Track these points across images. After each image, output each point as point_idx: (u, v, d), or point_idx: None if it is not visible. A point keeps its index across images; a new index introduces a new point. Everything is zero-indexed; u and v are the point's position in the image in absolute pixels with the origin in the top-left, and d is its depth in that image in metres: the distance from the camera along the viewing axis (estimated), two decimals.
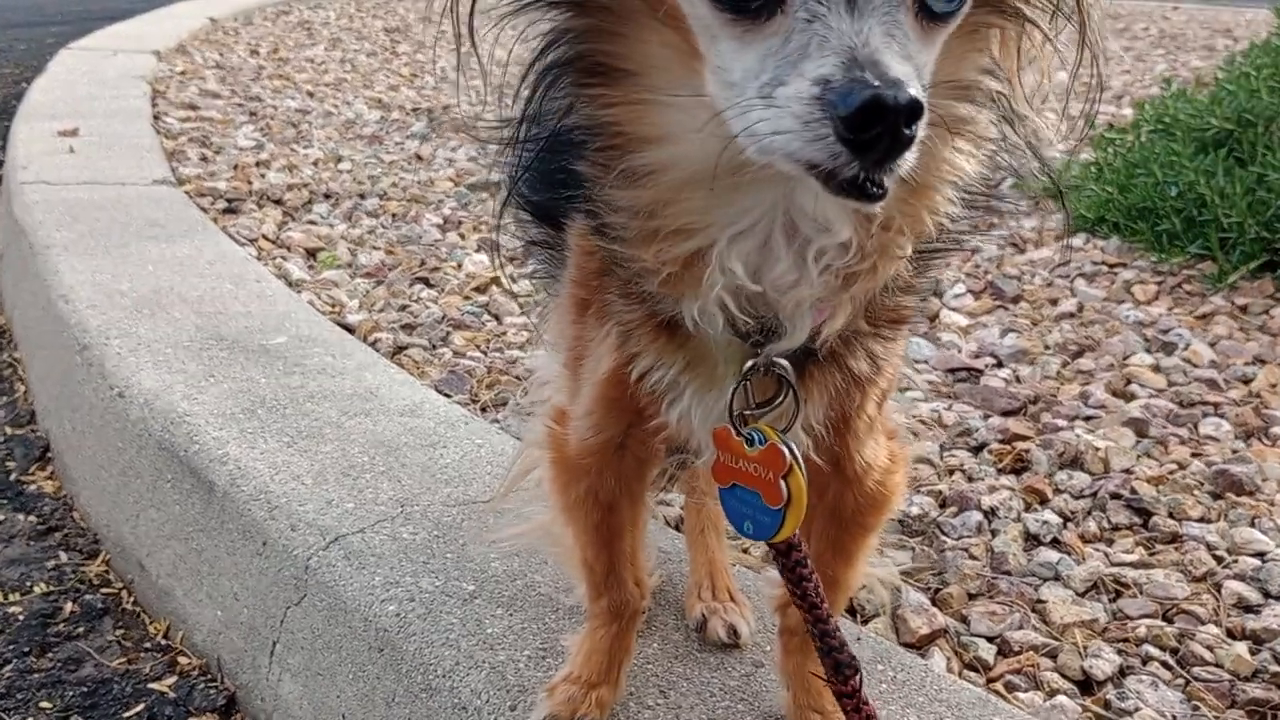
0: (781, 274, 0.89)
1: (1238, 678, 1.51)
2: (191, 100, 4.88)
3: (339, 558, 1.59)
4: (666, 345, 1.00)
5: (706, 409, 1.01)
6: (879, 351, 1.01)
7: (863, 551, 1.25)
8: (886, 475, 1.17)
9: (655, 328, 0.99)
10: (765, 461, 1.00)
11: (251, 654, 1.69)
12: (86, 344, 2.25)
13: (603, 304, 1.04)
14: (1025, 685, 1.51)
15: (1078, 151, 3.59)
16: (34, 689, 1.72)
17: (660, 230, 0.90)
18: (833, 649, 1.07)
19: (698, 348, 1.00)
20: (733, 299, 0.91)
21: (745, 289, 0.90)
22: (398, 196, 3.64)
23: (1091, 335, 2.60)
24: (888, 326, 1.01)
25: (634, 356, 1.02)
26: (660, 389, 1.02)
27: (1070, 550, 1.79)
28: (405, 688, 1.42)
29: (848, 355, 1.00)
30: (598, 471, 1.18)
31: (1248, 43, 5.07)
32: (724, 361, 1.00)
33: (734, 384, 0.98)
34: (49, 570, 2.02)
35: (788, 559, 1.06)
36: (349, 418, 1.97)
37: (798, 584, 1.06)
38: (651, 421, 1.07)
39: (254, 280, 2.64)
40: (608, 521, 1.22)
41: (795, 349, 0.97)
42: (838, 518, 1.17)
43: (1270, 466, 2.00)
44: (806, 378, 1.00)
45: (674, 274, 0.92)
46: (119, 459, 2.05)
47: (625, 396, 1.06)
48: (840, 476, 1.14)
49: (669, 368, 1.00)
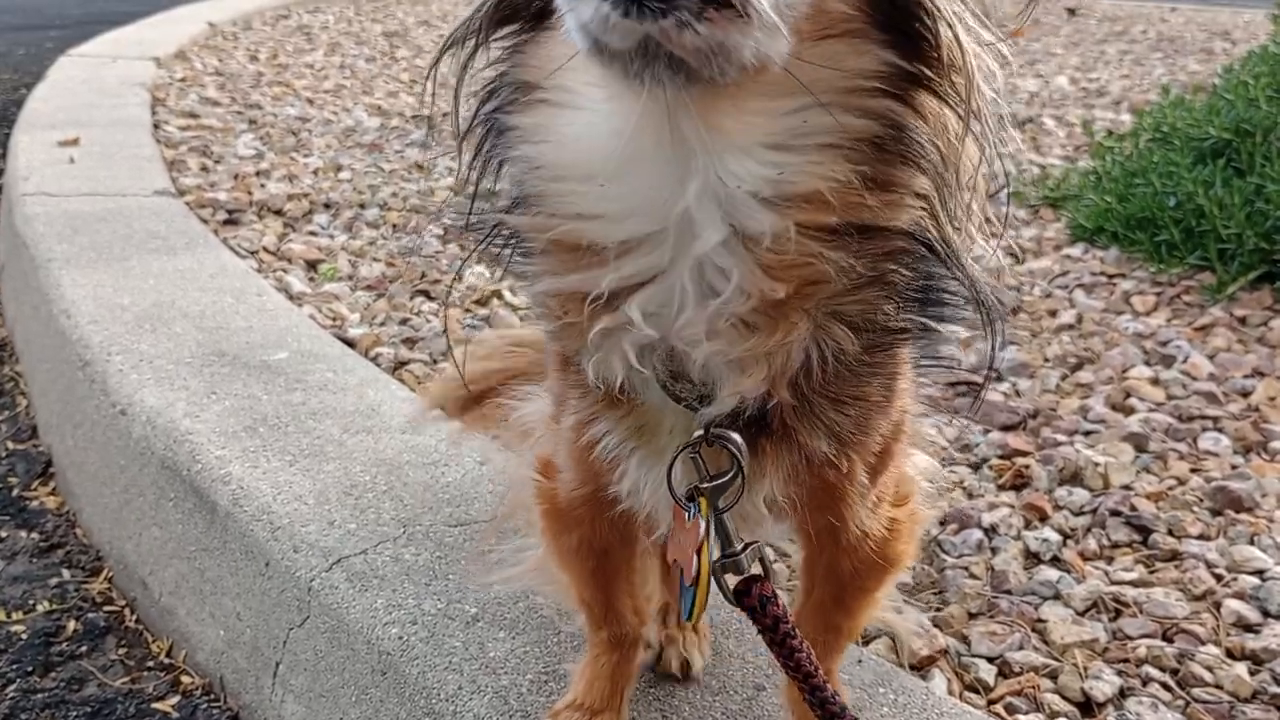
0: (682, 323, 0.83)
1: (1237, 699, 1.52)
2: (191, 108, 4.88)
3: (342, 579, 1.60)
4: (612, 409, 0.96)
5: (656, 482, 0.97)
6: (843, 427, 0.93)
7: (865, 608, 1.22)
8: (885, 545, 1.11)
9: (601, 394, 0.95)
10: (691, 535, 0.96)
11: (254, 674, 1.70)
12: (88, 360, 2.25)
13: (563, 366, 1.01)
14: (1026, 707, 1.51)
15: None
16: (38, 709, 1.72)
17: (557, 258, 0.86)
18: (833, 716, 1.02)
19: (644, 414, 0.95)
20: (634, 351, 0.86)
21: (644, 337, 0.84)
22: (398, 206, 3.64)
23: (1091, 347, 2.61)
24: (846, 403, 0.93)
25: (586, 421, 0.98)
26: (610, 455, 0.97)
27: (1070, 568, 1.79)
28: (408, 712, 1.42)
29: (801, 430, 0.92)
30: (589, 522, 1.15)
31: (1245, 46, 5.07)
32: (669, 431, 0.95)
33: (675, 454, 0.94)
34: (51, 588, 2.02)
35: (775, 633, 1.00)
36: (351, 435, 1.98)
37: (789, 656, 1.01)
38: (609, 490, 1.03)
39: (255, 294, 2.64)
40: (603, 566, 1.20)
41: (740, 419, 0.90)
42: (835, 579, 1.14)
43: (1269, 483, 2.01)
44: (760, 452, 0.94)
45: (574, 323, 0.88)
46: (121, 476, 2.06)
47: (586, 458, 1.02)
48: (833, 544, 1.10)
49: (616, 434, 0.96)
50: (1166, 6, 9.33)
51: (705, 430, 0.91)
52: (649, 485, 0.98)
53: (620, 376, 0.88)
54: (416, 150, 4.37)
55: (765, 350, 0.85)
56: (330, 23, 7.90)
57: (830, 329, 0.86)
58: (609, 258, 0.83)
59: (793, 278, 0.82)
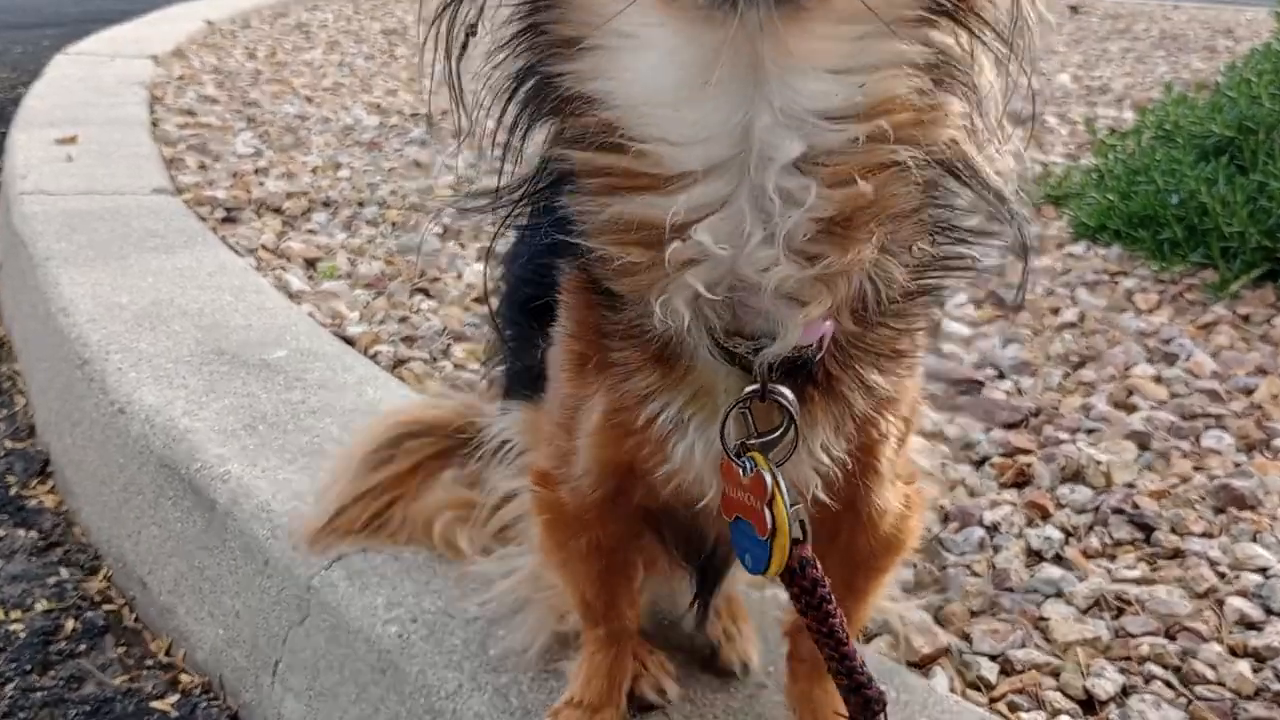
0: (752, 248, 0.85)
1: (1240, 696, 1.51)
2: (189, 106, 4.88)
3: (341, 578, 1.59)
4: (667, 379, 0.98)
5: (708, 442, 0.99)
6: (879, 384, 0.98)
7: (876, 589, 1.24)
8: (902, 520, 1.15)
9: (654, 363, 0.97)
10: (754, 490, 0.98)
11: (254, 673, 1.69)
12: (87, 358, 2.25)
13: (600, 352, 1.02)
14: (1028, 705, 1.51)
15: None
16: (36, 708, 1.72)
17: (622, 190, 0.87)
18: (860, 685, 1.04)
19: (698, 380, 0.98)
20: (703, 284, 0.87)
21: (714, 263, 0.86)
22: (397, 205, 3.63)
23: (1093, 345, 2.60)
24: (885, 358, 0.99)
25: (635, 400, 0.99)
26: (664, 428, 1.00)
27: (1073, 566, 1.79)
28: (409, 710, 1.42)
29: (844, 382, 0.97)
30: (600, 524, 1.15)
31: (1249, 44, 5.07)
32: (724, 393, 0.98)
33: (726, 411, 0.97)
34: (50, 587, 2.01)
35: (812, 596, 1.02)
36: (350, 433, 1.97)
37: (824, 621, 1.02)
38: (648, 474, 1.04)
39: (254, 292, 2.64)
40: (610, 565, 1.21)
41: (789, 366, 0.94)
42: (850, 560, 1.15)
43: (1272, 480, 2.00)
44: (807, 407, 0.97)
45: (637, 263, 0.89)
46: (120, 475, 2.05)
47: (619, 450, 1.04)
48: (854, 520, 1.12)
49: (671, 403, 0.98)
50: (1169, 4, 9.32)
51: (761, 384, 0.93)
52: (700, 448, 0.99)
53: (686, 317, 0.89)
54: (416, 148, 4.37)
55: (835, 271, 0.87)
56: (329, 20, 7.89)
57: (881, 261, 0.89)
58: (678, 186, 0.85)
59: (858, 196, 0.84)
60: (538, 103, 0.91)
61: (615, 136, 0.86)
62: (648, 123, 0.85)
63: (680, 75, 0.82)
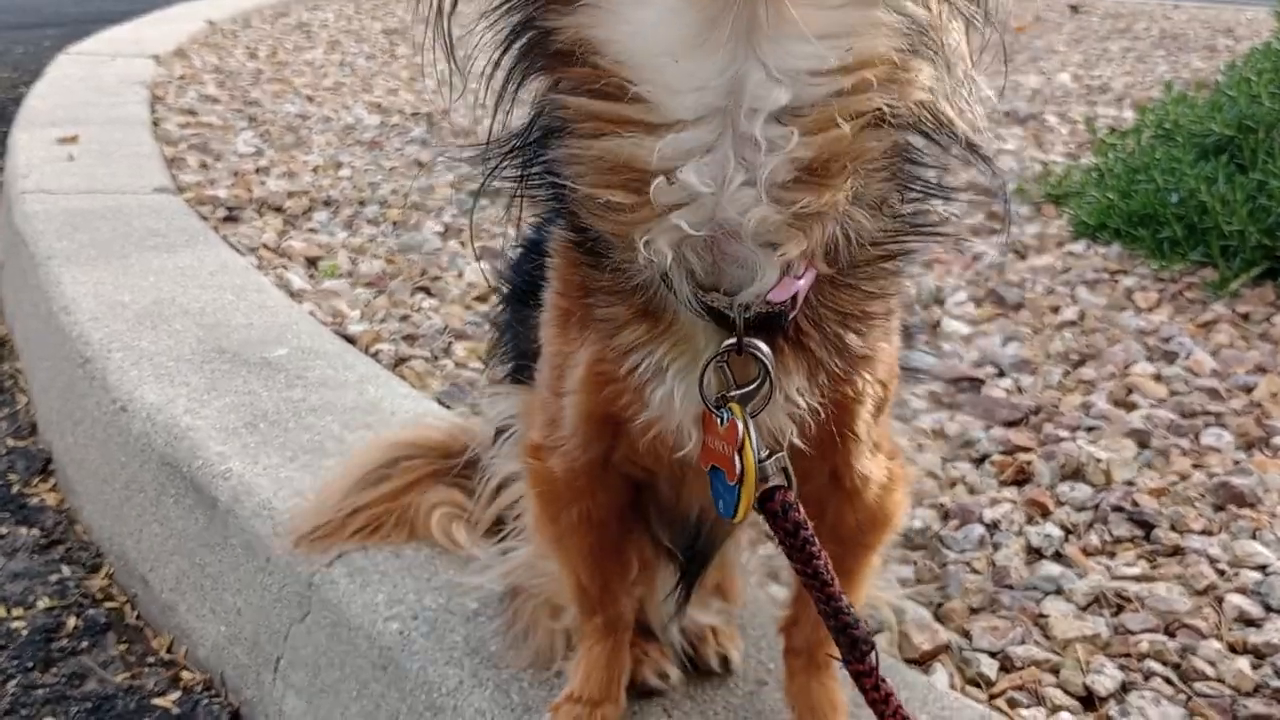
0: (734, 189, 0.89)
1: (1239, 693, 1.52)
2: (190, 105, 4.88)
3: (342, 575, 1.59)
4: (650, 333, 1.02)
5: (686, 389, 1.03)
6: (851, 344, 1.03)
7: (866, 570, 1.27)
8: (886, 492, 1.18)
9: (637, 318, 1.02)
10: (728, 438, 1.02)
11: (255, 670, 1.70)
12: (89, 357, 2.25)
13: (585, 309, 1.06)
14: (1028, 701, 1.51)
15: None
16: (38, 705, 1.72)
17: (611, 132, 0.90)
18: (847, 626, 1.06)
19: (678, 332, 1.02)
20: (687, 221, 0.90)
21: (698, 205, 0.90)
22: (398, 204, 3.64)
23: (1093, 343, 2.60)
24: (855, 319, 1.03)
25: (618, 352, 1.04)
26: (644, 376, 1.03)
27: (1072, 564, 1.79)
28: (409, 706, 1.42)
29: (814, 338, 1.01)
30: (589, 493, 1.18)
31: (1249, 43, 5.07)
32: (703, 345, 1.02)
33: (705, 363, 1.01)
34: (52, 584, 2.02)
35: (795, 538, 1.06)
36: (351, 431, 1.97)
37: (808, 563, 1.06)
38: (632, 421, 1.07)
39: (255, 291, 2.64)
40: (601, 542, 1.22)
41: (764, 322, 0.98)
42: (839, 537, 1.18)
43: (1272, 478, 2.00)
44: (781, 360, 1.02)
45: (623, 204, 0.92)
46: (121, 473, 2.05)
47: (602, 401, 1.08)
48: (839, 491, 1.15)
49: (652, 353, 1.02)
50: (1169, 3, 9.32)
51: (738, 338, 0.98)
52: (679, 394, 1.03)
53: (669, 257, 0.93)
54: (417, 147, 4.37)
55: (811, 213, 0.91)
56: (330, 20, 7.90)
57: (852, 211, 0.94)
58: (668, 131, 0.89)
59: (836, 140, 0.89)
60: (533, 56, 0.94)
61: (611, 83, 0.89)
62: (646, 71, 0.88)
63: (682, 32, 0.86)
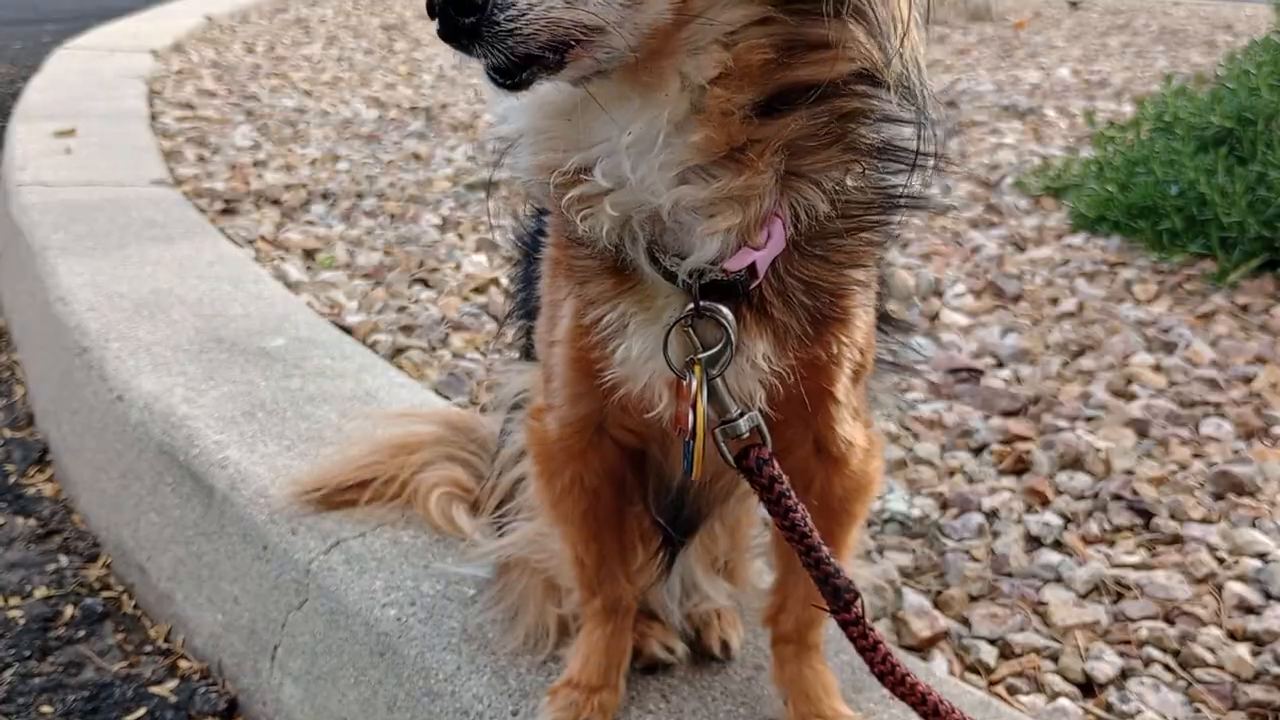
0: (639, 180, 0.96)
1: (1239, 679, 1.51)
2: (188, 99, 4.87)
3: (340, 562, 1.59)
4: (616, 287, 1.05)
5: (651, 348, 1.05)
6: (823, 311, 1.05)
7: (850, 541, 1.28)
8: (868, 458, 1.21)
9: (607, 272, 1.05)
10: (686, 395, 1.05)
11: (253, 658, 1.69)
12: (86, 346, 2.24)
13: (570, 260, 1.09)
14: (1027, 688, 1.51)
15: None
16: (35, 693, 1.72)
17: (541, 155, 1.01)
18: (829, 575, 1.07)
19: (643, 290, 1.05)
20: (613, 207, 0.97)
21: (618, 194, 0.97)
22: (396, 196, 3.63)
23: (1092, 335, 2.60)
24: (821, 289, 1.04)
25: (583, 302, 1.07)
26: (608, 329, 1.06)
27: (1072, 552, 1.78)
28: (407, 692, 1.42)
29: (777, 306, 1.04)
30: (581, 455, 1.20)
31: (1248, 38, 5.06)
32: (664, 305, 1.05)
33: (668, 327, 1.03)
34: (49, 574, 2.01)
35: (771, 492, 1.07)
36: (349, 420, 1.97)
37: (785, 515, 1.07)
38: (602, 372, 1.10)
39: (253, 282, 2.63)
40: (594, 510, 1.24)
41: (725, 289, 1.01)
42: (826, 508, 1.19)
43: (1271, 467, 2.00)
44: (744, 325, 1.04)
45: (562, 186, 0.99)
46: (119, 462, 2.05)
47: (584, 353, 1.10)
48: (825, 460, 1.17)
49: (615, 306, 1.06)
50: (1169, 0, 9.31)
51: (694, 301, 1.01)
52: (642, 354, 1.06)
53: (606, 229, 1.00)
54: (414, 141, 4.36)
55: (735, 192, 0.96)
56: (328, 16, 7.89)
57: (800, 189, 0.98)
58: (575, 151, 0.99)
59: (731, 130, 0.94)
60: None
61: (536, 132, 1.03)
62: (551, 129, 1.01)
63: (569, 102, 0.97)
